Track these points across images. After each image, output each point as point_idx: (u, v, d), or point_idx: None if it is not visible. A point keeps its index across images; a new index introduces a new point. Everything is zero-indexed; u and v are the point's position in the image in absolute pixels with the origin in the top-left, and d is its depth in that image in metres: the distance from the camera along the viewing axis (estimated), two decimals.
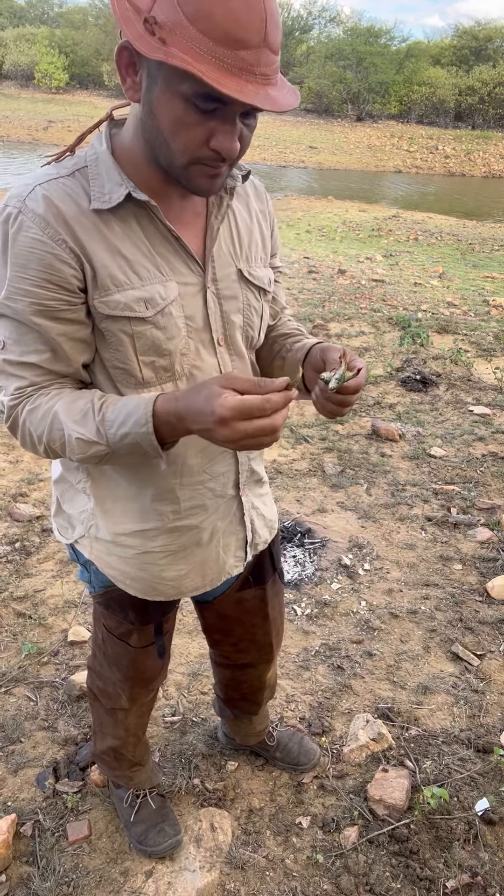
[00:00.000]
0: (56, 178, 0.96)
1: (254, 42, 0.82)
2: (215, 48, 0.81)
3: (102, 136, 1.00)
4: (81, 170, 0.98)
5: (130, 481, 1.14)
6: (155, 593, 1.25)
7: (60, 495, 1.26)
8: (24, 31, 38.31)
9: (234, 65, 0.82)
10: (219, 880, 1.59)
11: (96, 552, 1.24)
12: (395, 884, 1.58)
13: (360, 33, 39.28)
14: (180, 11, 0.80)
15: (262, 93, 0.84)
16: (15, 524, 2.93)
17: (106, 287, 0.97)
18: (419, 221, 13.17)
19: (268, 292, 1.17)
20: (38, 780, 1.82)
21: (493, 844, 1.67)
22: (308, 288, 7.04)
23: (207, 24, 0.80)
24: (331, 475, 3.43)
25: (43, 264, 0.93)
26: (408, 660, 2.28)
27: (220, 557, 1.26)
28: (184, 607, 2.43)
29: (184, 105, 0.86)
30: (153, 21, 0.81)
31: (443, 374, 4.79)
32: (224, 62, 0.81)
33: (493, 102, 33.47)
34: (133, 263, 0.99)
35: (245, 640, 1.52)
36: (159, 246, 1.01)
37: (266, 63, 0.84)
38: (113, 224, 0.97)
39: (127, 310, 0.98)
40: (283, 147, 26.65)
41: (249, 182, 1.17)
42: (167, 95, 0.87)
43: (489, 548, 2.87)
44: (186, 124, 0.88)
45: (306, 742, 1.88)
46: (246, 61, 0.82)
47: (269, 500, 1.36)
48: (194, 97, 0.85)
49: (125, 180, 0.96)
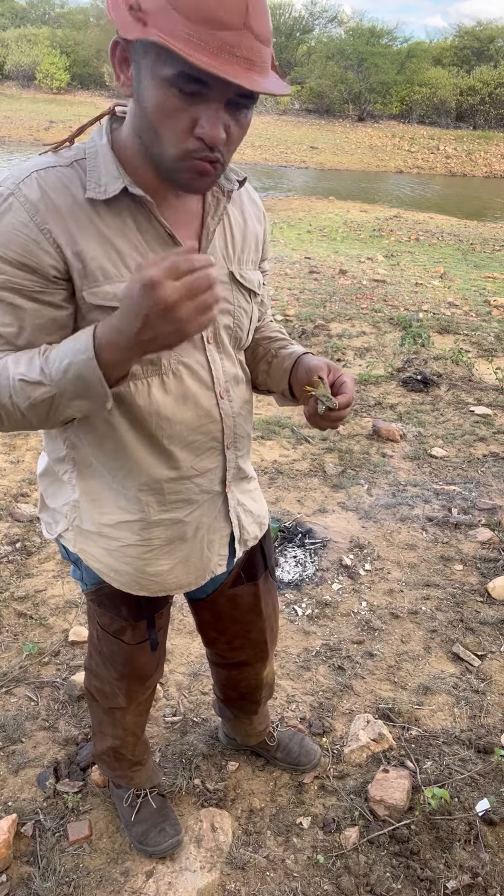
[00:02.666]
0: (54, 166, 0.97)
1: (234, 23, 0.82)
2: (195, 28, 0.82)
3: (103, 129, 1.01)
4: (80, 161, 0.98)
5: (115, 472, 1.14)
6: (139, 588, 1.25)
7: (45, 490, 1.26)
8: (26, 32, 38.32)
9: (214, 45, 0.82)
10: (219, 880, 1.59)
11: (80, 544, 1.23)
12: (395, 884, 1.58)
13: (361, 34, 39.25)
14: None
15: (245, 76, 0.84)
16: (16, 524, 2.93)
17: (95, 278, 0.98)
18: (420, 222, 13.16)
19: (258, 295, 1.18)
20: (39, 780, 1.82)
21: (493, 845, 1.67)
22: (309, 288, 7.04)
23: (187, 5, 0.81)
24: (332, 475, 3.43)
25: (22, 248, 0.93)
26: (408, 660, 2.28)
27: (204, 554, 1.27)
28: (184, 608, 2.43)
29: (167, 90, 0.87)
30: (137, 7, 0.84)
31: (444, 374, 4.79)
32: (205, 42, 0.82)
33: (494, 103, 33.44)
34: (125, 256, 0.99)
35: (239, 638, 1.53)
36: (153, 242, 1.01)
37: (249, 47, 0.84)
38: (107, 217, 0.98)
39: (115, 300, 0.98)
40: (285, 147, 26.65)
41: (245, 189, 1.18)
42: (153, 83, 0.87)
43: (490, 548, 2.87)
44: (171, 110, 0.88)
45: (307, 742, 1.88)
46: (226, 42, 0.82)
47: (257, 496, 1.37)
48: (176, 79, 0.85)
49: (122, 174, 0.97)
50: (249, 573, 1.43)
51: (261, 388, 1.32)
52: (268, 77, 0.88)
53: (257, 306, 1.20)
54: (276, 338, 1.30)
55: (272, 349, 1.28)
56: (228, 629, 1.51)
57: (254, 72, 0.85)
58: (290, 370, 1.21)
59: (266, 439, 3.78)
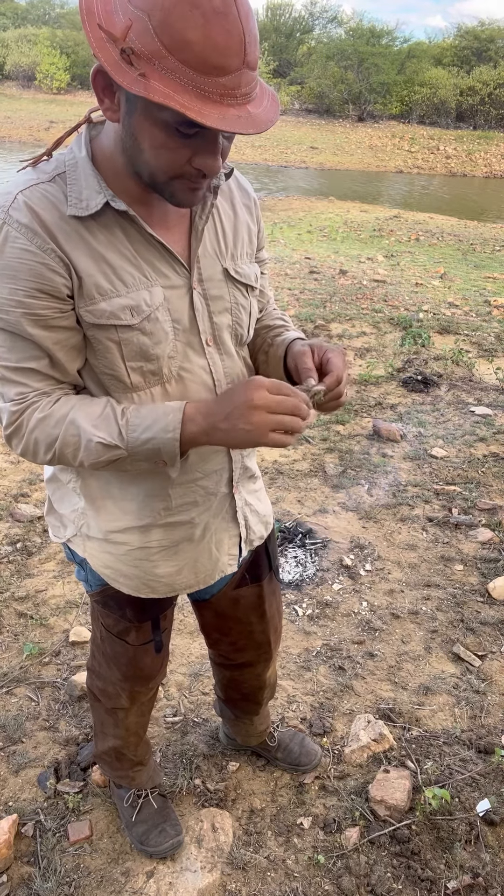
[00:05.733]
0: (36, 183, 0.95)
1: (234, 66, 0.81)
2: (196, 77, 0.80)
3: (82, 140, 0.99)
4: (61, 174, 0.96)
5: (122, 480, 1.14)
6: (148, 590, 1.25)
7: (52, 494, 1.27)
8: (26, 32, 38.34)
9: (216, 91, 0.81)
10: (220, 881, 1.59)
11: (89, 550, 1.24)
12: (396, 885, 1.58)
13: (361, 34, 39.26)
14: (157, 41, 0.78)
15: (244, 115, 0.83)
16: (16, 524, 2.93)
17: (91, 296, 0.97)
18: (420, 222, 13.16)
19: (255, 289, 1.17)
20: (40, 780, 1.82)
21: (494, 845, 1.67)
22: (309, 288, 7.04)
23: (186, 53, 0.78)
24: (332, 476, 3.43)
25: (34, 274, 0.93)
26: (409, 660, 2.28)
27: (212, 554, 1.27)
28: (185, 608, 2.43)
29: (165, 131, 0.86)
30: (130, 52, 0.79)
31: (444, 374, 4.79)
32: (205, 90, 0.80)
33: (494, 103, 33.43)
34: (118, 270, 0.98)
35: (243, 639, 1.53)
36: (143, 251, 1.00)
37: (246, 83, 0.83)
38: (95, 231, 0.96)
39: (113, 318, 0.98)
40: (285, 147, 26.64)
41: (233, 178, 1.16)
42: (148, 123, 0.86)
43: (490, 548, 2.87)
44: (169, 148, 0.88)
45: (307, 743, 1.88)
46: (226, 87, 0.81)
47: (262, 496, 1.37)
48: (175, 124, 0.85)
49: (104, 188, 0.95)
50: (254, 574, 1.43)
51: None
52: (258, 102, 0.86)
53: (255, 300, 1.19)
54: (274, 325, 1.30)
55: (268, 338, 1.27)
56: (232, 630, 1.51)
57: (249, 104, 0.85)
58: (283, 358, 1.20)
59: None
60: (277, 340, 1.24)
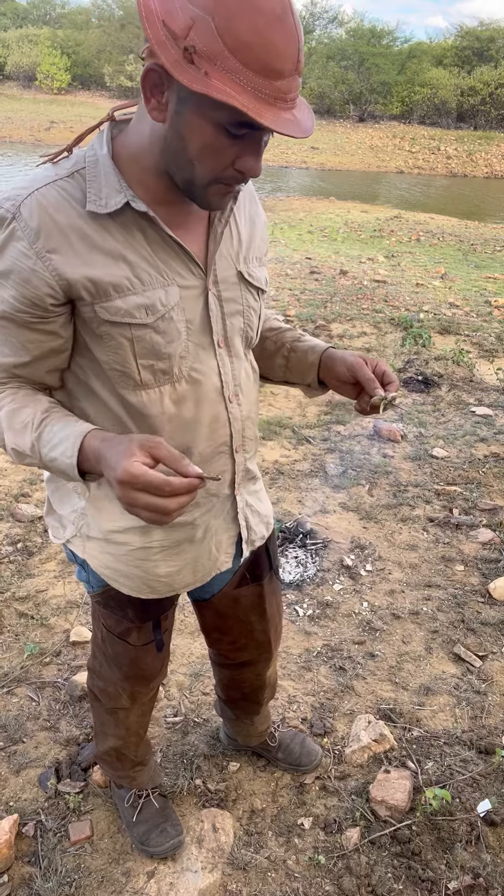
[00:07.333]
0: (54, 180, 0.95)
1: (289, 71, 0.84)
2: (255, 79, 0.82)
3: (103, 138, 0.99)
4: (80, 171, 0.96)
5: None
6: (148, 591, 1.26)
7: (51, 495, 1.27)
8: (27, 32, 38.31)
9: (271, 94, 0.83)
10: (221, 881, 1.59)
11: (89, 551, 1.24)
12: (397, 885, 1.58)
13: (362, 34, 39.26)
14: (220, 41, 0.80)
15: (292, 119, 0.86)
16: (17, 524, 2.93)
17: (107, 293, 0.97)
18: (421, 222, 13.16)
19: (265, 292, 1.18)
20: (41, 780, 1.82)
21: (495, 846, 1.67)
22: (310, 288, 7.04)
23: (248, 55, 0.80)
24: (333, 476, 3.43)
25: (21, 278, 0.94)
26: (410, 661, 2.28)
27: (212, 554, 1.28)
28: (185, 608, 2.43)
29: (215, 131, 0.88)
30: (193, 50, 0.81)
31: (445, 374, 4.79)
32: (262, 92, 0.83)
33: (495, 103, 33.43)
34: (135, 267, 0.99)
35: (243, 639, 1.53)
36: (161, 251, 1.01)
37: (295, 87, 0.86)
38: (113, 229, 0.97)
39: (128, 316, 0.99)
40: (285, 147, 26.64)
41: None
42: (199, 121, 0.87)
43: (491, 549, 2.87)
44: (216, 149, 0.90)
45: (308, 743, 1.88)
46: (280, 90, 0.84)
47: (262, 496, 1.37)
48: (228, 125, 0.86)
49: (124, 188, 0.96)
50: (255, 574, 1.43)
51: (275, 380, 1.35)
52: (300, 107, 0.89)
53: (264, 302, 1.20)
54: (283, 328, 1.32)
55: (286, 342, 1.29)
56: (233, 629, 1.51)
57: (294, 109, 0.87)
58: (317, 364, 1.25)
59: (267, 440, 3.78)
60: (300, 346, 1.28)
